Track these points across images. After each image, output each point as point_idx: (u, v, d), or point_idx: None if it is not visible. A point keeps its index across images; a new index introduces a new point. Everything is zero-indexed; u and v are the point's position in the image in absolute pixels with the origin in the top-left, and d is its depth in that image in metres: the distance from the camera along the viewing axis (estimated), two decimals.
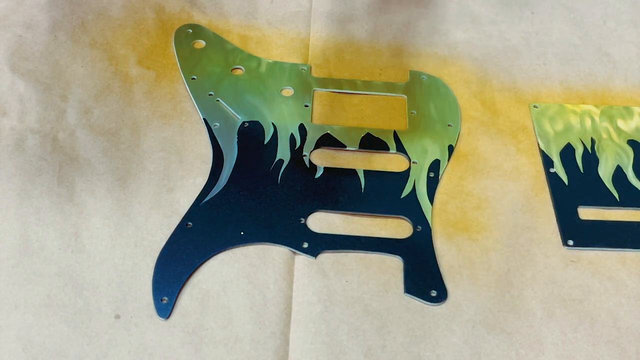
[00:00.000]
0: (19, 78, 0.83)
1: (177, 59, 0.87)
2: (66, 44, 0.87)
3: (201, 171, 0.75)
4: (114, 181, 0.74)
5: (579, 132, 0.82)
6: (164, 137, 0.78)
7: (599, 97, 0.86)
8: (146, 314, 0.64)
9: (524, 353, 0.63)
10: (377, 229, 0.71)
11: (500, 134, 0.81)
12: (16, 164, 0.74)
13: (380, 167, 0.77)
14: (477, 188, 0.76)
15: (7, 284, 0.65)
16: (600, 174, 0.77)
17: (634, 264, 0.70)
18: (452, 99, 0.85)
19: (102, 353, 0.61)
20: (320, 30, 0.92)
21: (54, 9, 0.91)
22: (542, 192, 0.76)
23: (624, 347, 0.64)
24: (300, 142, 0.79)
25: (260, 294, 0.66)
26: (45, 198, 0.72)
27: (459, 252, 0.70)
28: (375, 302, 0.66)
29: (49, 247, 0.68)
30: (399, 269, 0.68)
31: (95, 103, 0.81)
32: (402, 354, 0.63)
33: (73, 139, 0.77)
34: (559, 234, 0.72)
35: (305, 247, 0.69)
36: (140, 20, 0.91)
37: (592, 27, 0.95)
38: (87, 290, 0.65)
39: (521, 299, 0.67)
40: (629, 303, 0.67)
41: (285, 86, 0.85)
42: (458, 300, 0.66)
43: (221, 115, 0.81)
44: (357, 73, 0.88)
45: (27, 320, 0.63)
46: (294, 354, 0.62)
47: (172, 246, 0.69)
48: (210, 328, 0.63)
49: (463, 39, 0.92)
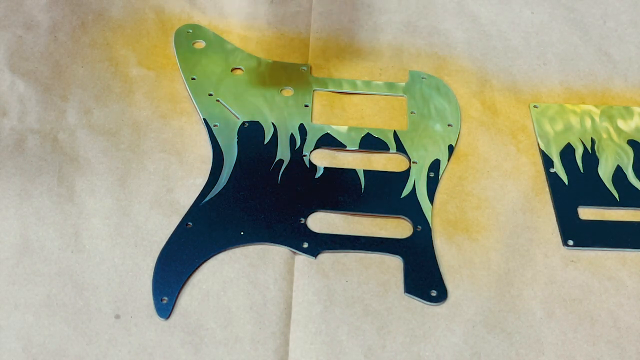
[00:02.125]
0: (19, 78, 0.83)
1: (177, 59, 0.87)
2: (66, 44, 0.87)
3: (201, 171, 0.75)
4: (114, 181, 0.74)
5: (579, 132, 0.82)
6: (164, 137, 0.78)
7: (599, 97, 0.86)
8: (146, 314, 0.64)
9: (524, 353, 0.63)
10: (377, 229, 0.71)
11: (500, 134, 0.81)
12: (16, 164, 0.74)
13: (380, 167, 0.77)
14: (477, 188, 0.76)
15: (7, 284, 0.65)
16: (600, 174, 0.77)
17: (634, 264, 0.70)
18: (452, 99, 0.85)
19: (102, 353, 0.61)
20: (320, 30, 0.92)
21: (54, 9, 0.91)
22: (542, 192, 0.76)
23: (624, 347, 0.64)
24: (300, 142, 0.79)
25: (260, 294, 0.66)
26: (45, 198, 0.72)
27: (459, 252, 0.70)
28: (375, 302, 0.66)
29: (49, 247, 0.68)
30: (399, 269, 0.68)
31: (95, 103, 0.81)
32: (402, 354, 0.63)
33: (73, 139, 0.77)
34: (559, 234, 0.72)
35: (305, 247, 0.69)
36: (140, 21, 0.91)
37: (592, 27, 0.95)
38: (87, 290, 0.65)
39: (521, 299, 0.67)
40: (629, 303, 0.67)
41: (285, 86, 0.85)
42: (458, 300, 0.66)
43: (221, 115, 0.81)
44: (357, 73, 0.88)
45: (27, 320, 0.63)
46: (294, 354, 0.62)
47: (172, 246, 0.69)
48: (210, 328, 0.63)
49: (463, 39, 0.92)
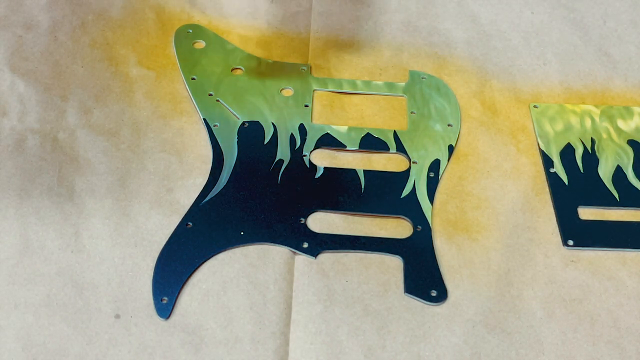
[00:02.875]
0: (19, 78, 0.83)
1: (177, 59, 0.87)
2: (66, 44, 0.87)
3: (201, 171, 0.75)
4: (114, 181, 0.74)
5: (579, 132, 0.82)
6: (164, 137, 0.78)
7: (599, 97, 0.86)
8: (146, 313, 0.64)
9: (524, 353, 0.63)
10: (377, 229, 0.71)
11: (500, 134, 0.81)
12: (16, 164, 0.74)
13: (380, 167, 0.77)
14: (477, 188, 0.76)
15: (7, 283, 0.65)
16: (600, 174, 0.77)
17: (634, 264, 0.70)
18: (452, 99, 0.85)
19: (102, 353, 0.61)
20: (320, 30, 0.92)
21: (54, 9, 0.91)
22: (542, 192, 0.76)
23: (624, 347, 0.64)
24: (300, 142, 0.79)
25: (260, 294, 0.66)
26: (45, 198, 0.72)
27: (459, 252, 0.70)
28: (375, 302, 0.66)
29: (49, 247, 0.68)
30: (399, 269, 0.68)
31: (95, 103, 0.81)
32: (402, 354, 0.63)
33: (73, 139, 0.77)
34: (559, 234, 0.72)
35: (305, 247, 0.69)
36: (140, 21, 0.91)
37: (592, 27, 0.95)
38: (87, 290, 0.65)
39: (521, 299, 0.67)
40: (629, 303, 0.67)
41: (285, 86, 0.85)
42: (458, 300, 0.66)
43: (221, 115, 0.81)
44: (357, 73, 0.88)
45: (27, 320, 0.63)
46: (294, 354, 0.62)
47: (172, 246, 0.69)
48: (210, 328, 0.63)
49: (463, 39, 0.92)
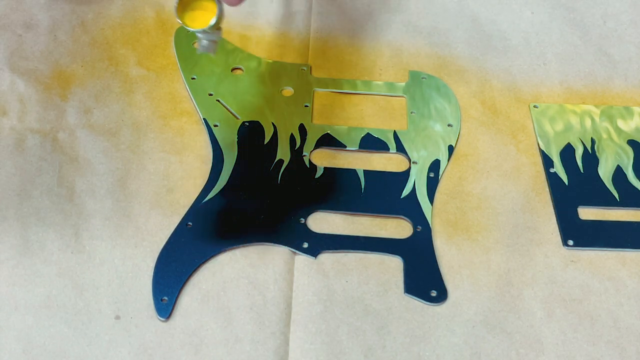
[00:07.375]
0: (19, 78, 0.83)
1: (177, 59, 0.87)
2: (66, 43, 0.87)
3: (201, 171, 0.75)
4: (114, 182, 0.74)
5: (579, 132, 0.82)
6: (164, 137, 0.78)
7: (599, 97, 0.86)
8: (146, 314, 0.64)
9: (524, 353, 0.63)
10: (377, 229, 0.71)
11: (500, 134, 0.81)
12: (16, 164, 0.74)
13: (380, 167, 0.77)
14: (477, 188, 0.76)
15: (7, 284, 0.65)
16: (600, 174, 0.77)
17: (634, 264, 0.70)
18: (452, 99, 0.85)
19: (102, 354, 0.61)
20: (320, 30, 0.92)
21: (54, 9, 0.91)
22: (542, 192, 0.76)
23: (624, 347, 0.64)
24: (300, 142, 0.79)
25: (260, 294, 0.66)
26: (45, 198, 0.72)
27: (459, 252, 0.70)
28: (375, 302, 0.66)
29: (49, 248, 0.68)
30: (399, 269, 0.68)
31: (95, 103, 0.81)
32: (402, 354, 0.63)
33: (73, 139, 0.77)
34: (559, 234, 0.72)
35: (305, 247, 0.69)
36: (140, 20, 0.91)
37: (592, 27, 0.95)
38: (87, 291, 0.65)
39: (521, 299, 0.67)
40: (629, 303, 0.67)
41: (285, 86, 0.85)
42: (458, 300, 0.66)
43: (221, 115, 0.81)
44: (357, 73, 0.87)
45: (27, 321, 0.63)
46: (294, 354, 0.62)
47: (172, 246, 0.69)
48: (210, 328, 0.63)
49: (463, 39, 0.92)
